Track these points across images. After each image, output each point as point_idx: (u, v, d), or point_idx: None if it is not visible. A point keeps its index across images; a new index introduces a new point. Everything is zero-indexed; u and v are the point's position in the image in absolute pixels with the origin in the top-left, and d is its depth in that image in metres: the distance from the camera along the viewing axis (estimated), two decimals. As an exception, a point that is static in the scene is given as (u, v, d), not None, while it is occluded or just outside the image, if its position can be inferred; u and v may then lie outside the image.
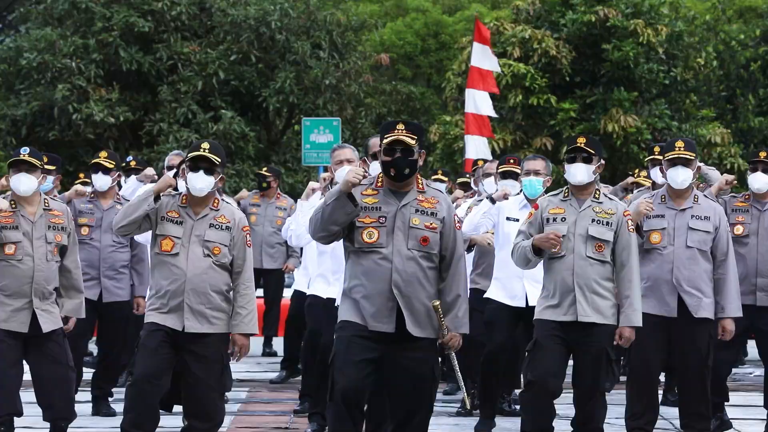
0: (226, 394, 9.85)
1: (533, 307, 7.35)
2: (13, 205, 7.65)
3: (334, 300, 6.71)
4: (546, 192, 8.25)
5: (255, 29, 22.47)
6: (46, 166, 8.45)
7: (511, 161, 9.38)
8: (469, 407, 8.27)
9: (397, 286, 6.18)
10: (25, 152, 7.77)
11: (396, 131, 6.30)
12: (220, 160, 6.94)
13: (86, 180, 10.53)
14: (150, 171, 10.83)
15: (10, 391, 7.66)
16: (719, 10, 27.79)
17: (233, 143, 21.51)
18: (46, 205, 7.77)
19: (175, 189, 7.33)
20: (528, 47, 21.98)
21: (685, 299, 7.75)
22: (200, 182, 6.88)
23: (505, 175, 9.21)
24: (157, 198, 6.81)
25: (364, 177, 6.22)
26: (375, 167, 7.18)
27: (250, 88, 22.59)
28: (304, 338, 8.99)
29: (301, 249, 11.22)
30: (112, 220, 9.55)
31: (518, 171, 9.06)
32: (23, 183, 7.67)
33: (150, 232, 6.99)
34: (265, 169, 13.85)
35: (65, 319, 7.85)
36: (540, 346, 7.05)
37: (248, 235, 7.11)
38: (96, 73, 22.04)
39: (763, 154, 8.81)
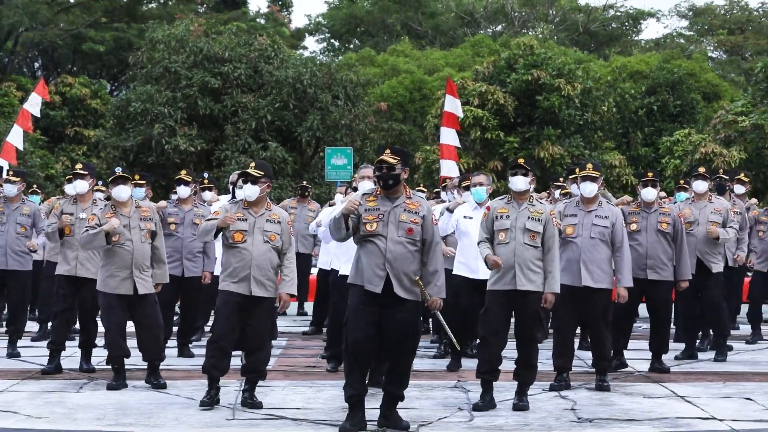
0: (273, 342, 9.81)
1: (485, 280, 7.29)
2: (113, 209, 7.70)
3: (346, 276, 6.70)
4: (492, 197, 8.32)
5: (292, 85, 22.46)
6: (80, 172, 8.48)
7: (469, 178, 9.42)
8: (459, 348, 8.12)
9: (389, 261, 6.17)
10: (118, 170, 7.80)
11: (384, 154, 6.33)
12: (263, 173, 7.00)
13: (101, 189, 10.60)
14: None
15: (121, 338, 7.68)
16: (617, 73, 27.94)
17: (276, 165, 21.49)
18: (137, 205, 7.85)
19: (233, 197, 7.30)
20: (484, 98, 21.98)
21: (588, 274, 7.73)
22: (248, 190, 7.02)
23: (466, 188, 9.23)
24: (218, 231, 6.94)
25: (360, 205, 6.24)
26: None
27: (289, 126, 22.58)
28: (332, 306, 8.90)
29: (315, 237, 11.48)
30: (192, 219, 9.55)
31: (475, 184, 9.15)
32: (123, 191, 7.73)
33: None
34: (305, 183, 14.06)
35: (156, 286, 7.85)
36: (489, 311, 7.01)
37: (291, 227, 7.22)
38: (181, 116, 22.06)
39: (650, 174, 8.88)
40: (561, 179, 11.60)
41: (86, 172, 8.49)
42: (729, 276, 10.07)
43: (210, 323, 9.51)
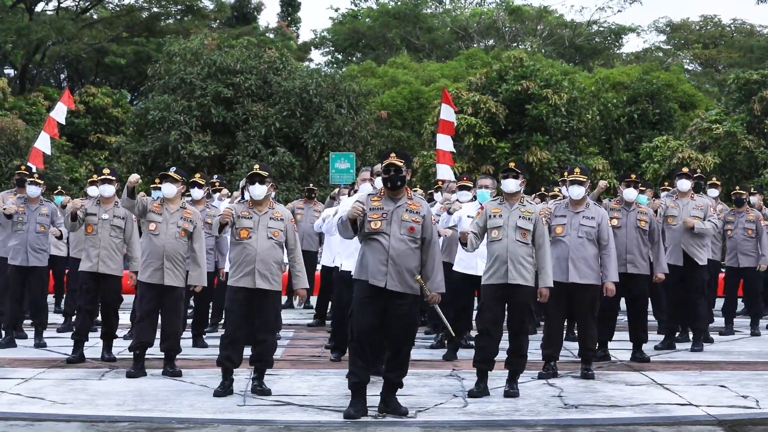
0: (280, 333, 9.78)
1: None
2: (162, 203, 7.76)
3: (349, 272, 6.68)
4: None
5: (299, 95, 22.43)
6: (108, 177, 8.47)
7: (464, 179, 9.45)
8: (453, 335, 8.06)
9: (392, 257, 6.15)
10: (172, 170, 7.81)
11: (390, 158, 6.29)
12: (267, 173, 7.02)
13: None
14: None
15: (150, 326, 7.66)
16: (600, 84, 27.90)
17: (284, 169, 21.48)
18: (183, 205, 7.84)
19: (243, 198, 7.30)
20: (477, 107, 21.97)
21: (575, 271, 7.72)
22: (257, 190, 6.98)
23: (461, 188, 9.28)
24: (222, 228, 6.92)
25: (363, 211, 6.20)
26: (378, 182, 7.25)
27: (296, 133, 22.54)
28: (335, 299, 8.87)
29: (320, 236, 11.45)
30: (204, 219, 9.51)
31: (470, 185, 9.19)
32: (168, 188, 7.79)
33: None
34: (311, 185, 14.08)
35: (193, 286, 7.86)
36: (485, 306, 6.99)
37: (295, 225, 7.20)
38: (196, 123, 22.01)
39: (633, 176, 8.91)
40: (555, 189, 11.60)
41: (113, 177, 8.52)
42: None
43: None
